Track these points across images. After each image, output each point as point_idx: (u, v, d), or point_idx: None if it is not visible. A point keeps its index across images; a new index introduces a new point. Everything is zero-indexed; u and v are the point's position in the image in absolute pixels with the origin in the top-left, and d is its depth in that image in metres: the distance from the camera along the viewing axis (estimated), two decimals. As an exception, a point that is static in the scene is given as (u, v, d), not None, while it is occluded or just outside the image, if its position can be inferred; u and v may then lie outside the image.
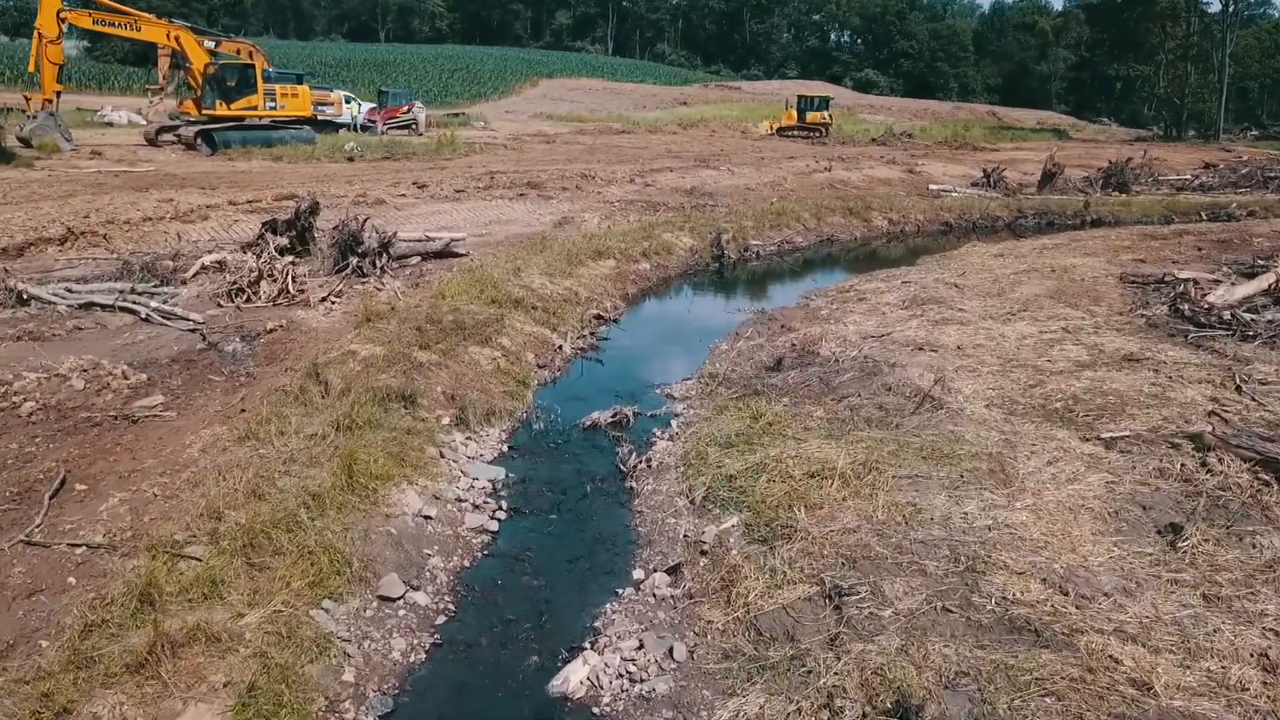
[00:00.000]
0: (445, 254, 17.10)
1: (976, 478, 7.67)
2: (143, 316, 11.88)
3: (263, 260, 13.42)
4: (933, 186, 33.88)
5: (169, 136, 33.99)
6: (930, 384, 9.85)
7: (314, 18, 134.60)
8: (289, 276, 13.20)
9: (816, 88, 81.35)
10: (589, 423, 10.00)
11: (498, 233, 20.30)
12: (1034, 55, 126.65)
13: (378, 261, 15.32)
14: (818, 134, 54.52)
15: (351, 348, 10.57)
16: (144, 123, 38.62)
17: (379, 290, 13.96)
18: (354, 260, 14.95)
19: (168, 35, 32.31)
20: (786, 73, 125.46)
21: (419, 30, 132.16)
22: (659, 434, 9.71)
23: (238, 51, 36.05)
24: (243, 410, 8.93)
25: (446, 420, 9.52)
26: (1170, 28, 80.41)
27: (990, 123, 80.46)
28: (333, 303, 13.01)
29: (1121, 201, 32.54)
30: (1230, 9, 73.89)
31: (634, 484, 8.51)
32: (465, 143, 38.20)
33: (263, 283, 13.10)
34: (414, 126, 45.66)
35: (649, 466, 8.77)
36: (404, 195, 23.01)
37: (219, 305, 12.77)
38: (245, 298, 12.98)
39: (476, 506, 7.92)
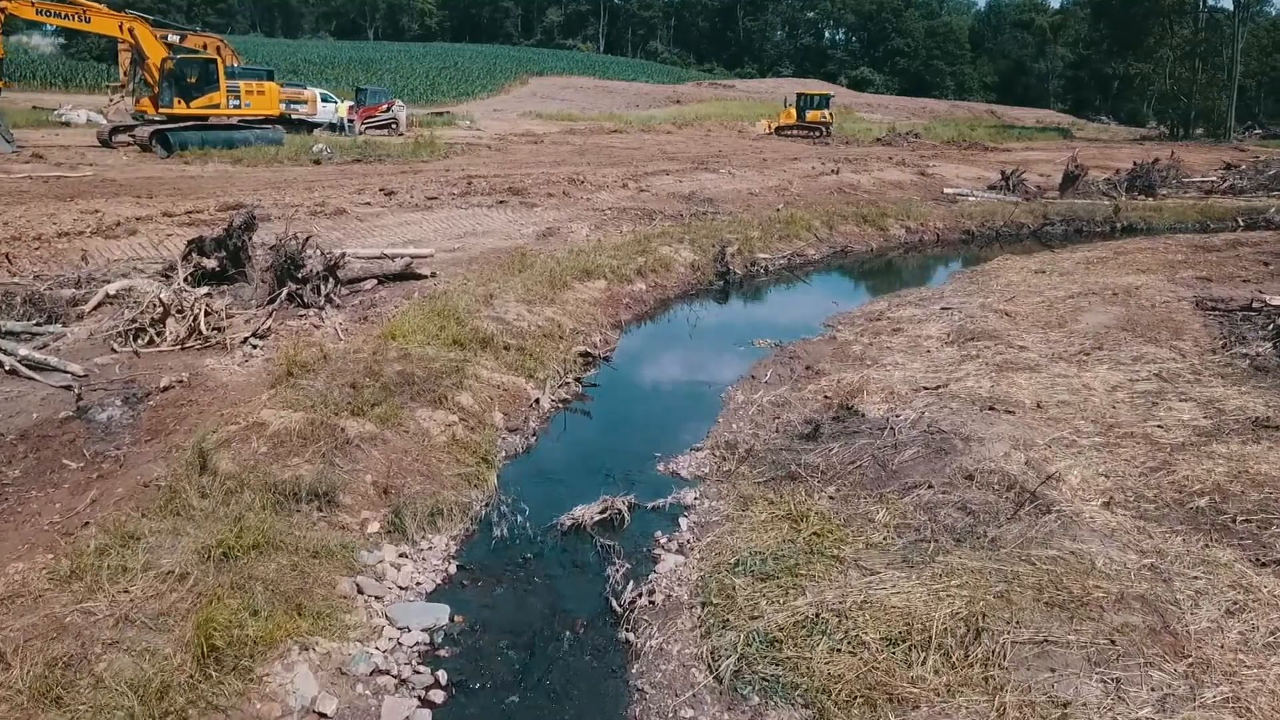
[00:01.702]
0: (407, 275, 14.60)
1: (1133, 643, 5.22)
2: (5, 369, 9.36)
3: (172, 291, 10.90)
4: (947, 190, 31.47)
5: (124, 137, 31.40)
6: (1025, 471, 7.41)
7: (301, 15, 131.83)
8: (203, 312, 10.68)
9: (813, 86, 78.86)
10: (569, 522, 7.50)
11: (472, 247, 17.81)
12: (1031, 53, 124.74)
13: (322, 288, 12.83)
14: (818, 133, 52.06)
15: (261, 416, 8.07)
16: (104, 122, 36.04)
17: (318, 326, 11.46)
18: (290, 288, 12.46)
19: (120, 27, 29.67)
20: (781, 71, 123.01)
21: (408, 28, 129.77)
22: (664, 542, 7.22)
23: (204, 46, 33.53)
24: (86, 524, 6.44)
25: (375, 527, 7.04)
26: (1176, 24, 78.26)
27: (990, 122, 78.08)
28: (254, 346, 10.50)
29: (1152, 207, 30.18)
30: (1242, 2, 71.55)
31: (631, 635, 6.01)
32: (446, 144, 35.65)
33: (169, 320, 10.59)
34: (393, 126, 43.08)
35: (652, 603, 6.28)
36: (368, 204, 20.48)
37: (114, 350, 10.25)
38: (147, 340, 10.47)
39: (402, 681, 5.42)
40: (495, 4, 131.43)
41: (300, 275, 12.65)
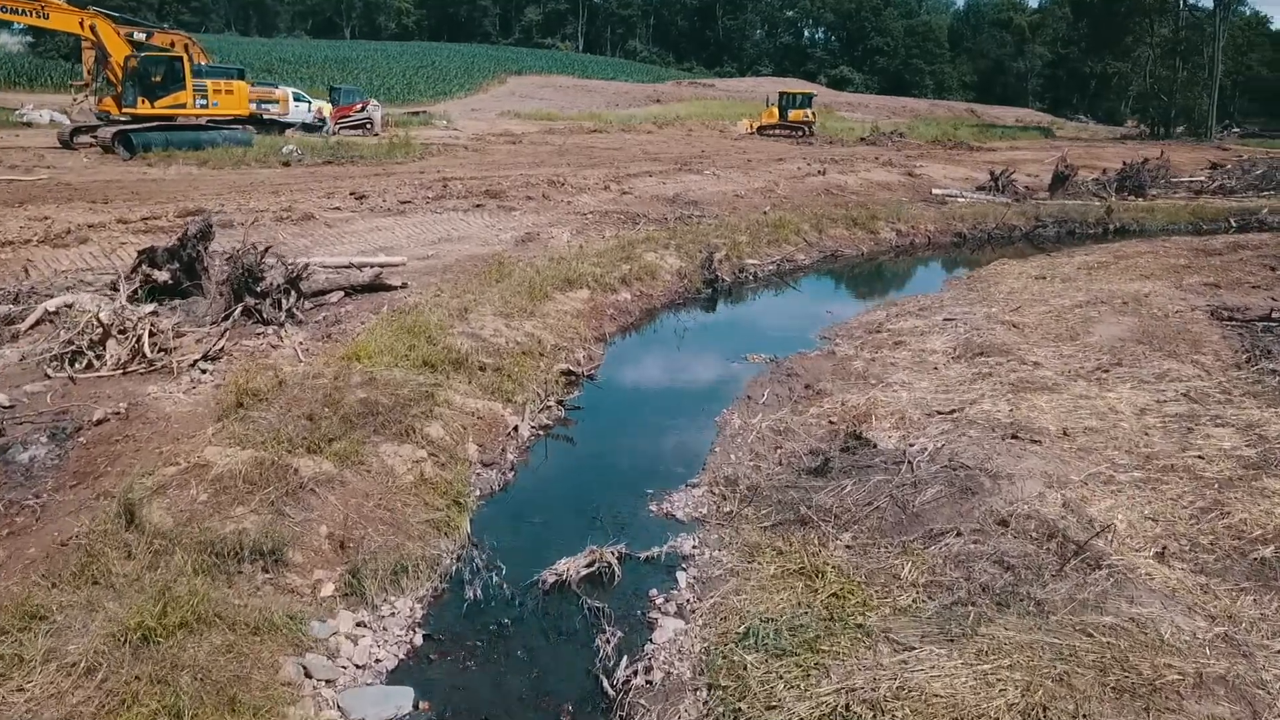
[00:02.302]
0: (376, 286, 13.66)
1: (1224, 741, 4.41)
2: (-80, 399, 8.39)
3: (113, 310, 9.94)
4: (936, 191, 30.77)
5: (86, 138, 30.26)
6: (1064, 515, 6.60)
7: (277, 14, 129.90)
8: (147, 333, 9.72)
9: (794, 85, 78.13)
10: (552, 578, 6.61)
11: (447, 254, 16.88)
12: (1010, 52, 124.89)
13: (283, 302, 11.88)
14: (801, 133, 51.28)
15: (204, 455, 7.15)
16: (67, 123, 34.80)
17: (276, 346, 10.51)
18: (248, 303, 11.50)
19: (81, 24, 28.49)
20: (760, 70, 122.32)
21: (385, 27, 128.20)
22: (661, 602, 6.35)
23: (171, 44, 32.40)
24: (-15, 596, 5.51)
25: (330, 589, 6.13)
26: (1157, 22, 78.17)
27: (972, 121, 77.61)
28: (203, 370, 9.55)
29: (1144, 207, 29.62)
30: (1223, 1, 71.41)
31: (626, 725, 5.15)
32: (422, 144, 34.62)
33: (110, 342, 9.62)
34: (368, 126, 42.01)
35: (650, 683, 5.41)
36: (338, 209, 19.50)
37: (48, 375, 9.28)
38: (85, 363, 9.50)
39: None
40: (473, 3, 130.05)
41: (259, 289, 11.69)
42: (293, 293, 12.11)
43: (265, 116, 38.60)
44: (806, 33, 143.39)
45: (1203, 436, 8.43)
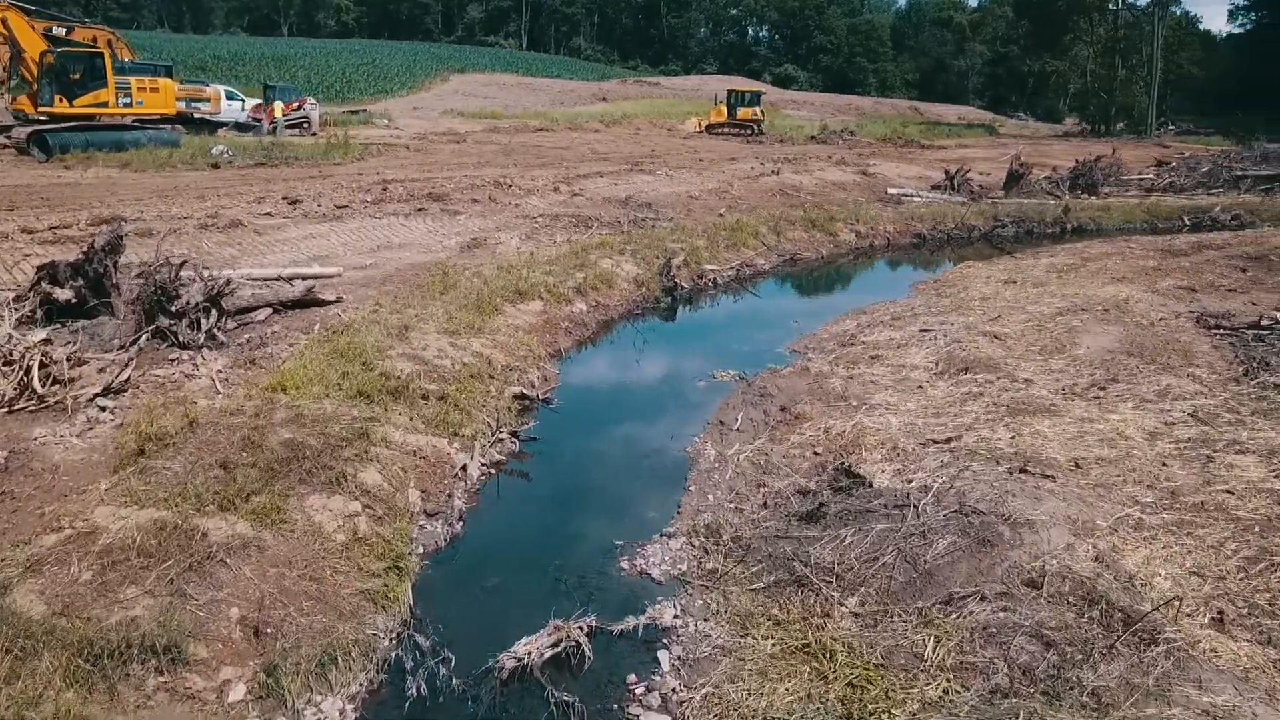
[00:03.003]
0: (308, 302, 12.47)
1: None
2: None
3: (-2, 338, 8.70)
4: (891, 190, 30.18)
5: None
6: (1099, 571, 5.75)
7: (211, 11, 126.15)
8: (37, 364, 8.49)
9: (740, 83, 77.62)
10: (511, 664, 5.57)
11: (386, 263, 15.72)
12: (951, 51, 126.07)
13: (202, 322, 10.67)
14: (750, 131, 50.60)
15: (94, 517, 6.03)
16: (-20, 123, 32.80)
17: (190, 376, 9.32)
18: (162, 324, 10.29)
19: (-11, 17, 26.75)
20: (705, 68, 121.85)
21: (324, 24, 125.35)
22: (641, 693, 5.35)
23: (93, 39, 30.61)
24: None
25: (240, 692, 5.04)
26: (1097, 20, 79.00)
27: (916, 119, 77.81)
28: (102, 407, 8.34)
29: (1099, 206, 29.35)
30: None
31: None
32: (361, 144, 33.20)
33: (-7, 376, 8.39)
34: (305, 126, 40.35)
35: (635, 811, 4.43)
36: (269, 214, 18.19)
37: (-82, 415, 8.02)
38: (-37, 401, 8.25)
39: None
40: (415, 0, 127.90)
41: (174, 308, 10.47)
42: (213, 311, 10.89)
43: (196, 116, 36.87)
44: (751, 31, 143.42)
45: (1225, 466, 7.67)
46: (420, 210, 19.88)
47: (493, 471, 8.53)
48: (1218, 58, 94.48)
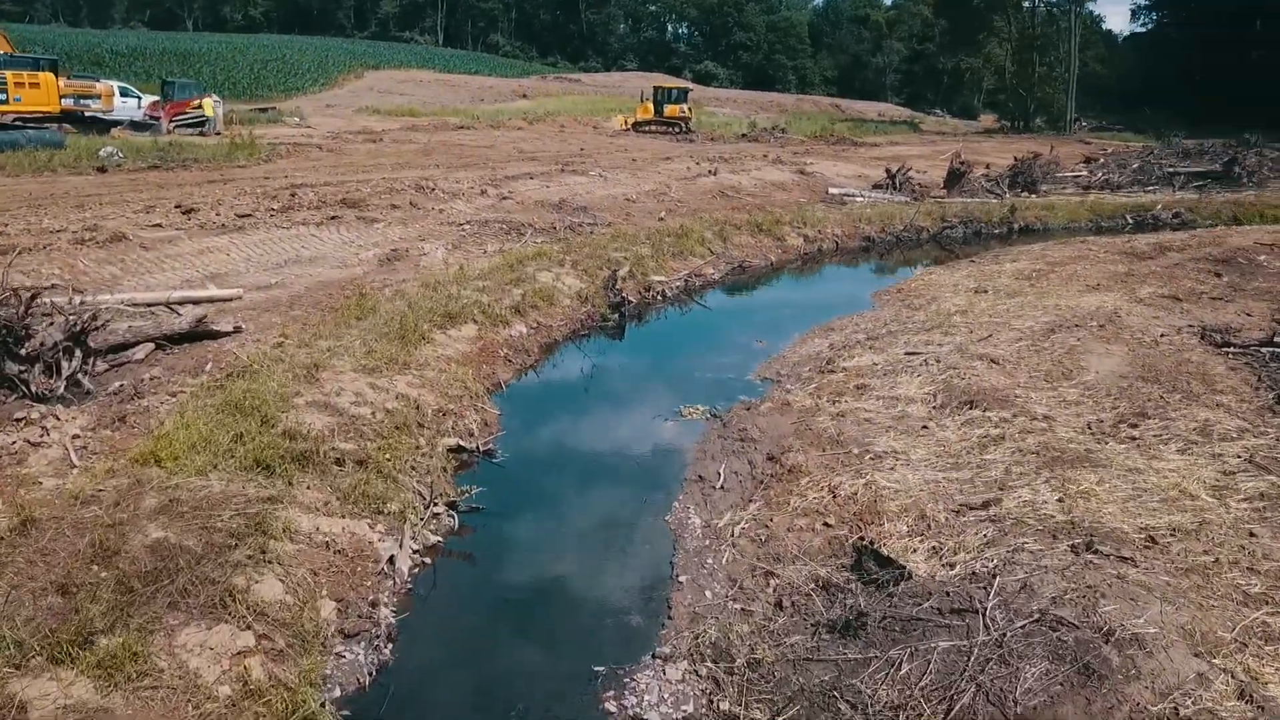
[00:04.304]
0: (199, 334, 10.54)
1: None
2: None
3: None
4: (832, 190, 29.02)
5: None
6: (1254, 715, 4.33)
7: (111, 4, 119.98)
8: None
9: (665, 80, 76.41)
10: None
11: (296, 281, 13.82)
12: (869, 48, 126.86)
13: (63, 367, 8.72)
14: (678, 129, 49.12)
15: None
16: None
17: (36, 444, 7.37)
18: (9, 370, 8.33)
19: None
20: (625, 65, 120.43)
21: (231, 19, 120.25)
22: None
23: (-31, 34, 27.79)
24: None
25: None
26: (1013, 17, 79.68)
27: (838, 115, 77.50)
28: (-89, 496, 6.41)
29: (1044, 205, 28.61)
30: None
31: None
32: (269, 144, 30.83)
33: None
34: (207, 125, 37.57)
35: None
36: (159, 225, 16.03)
37: None
38: None
39: None
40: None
41: (24, 350, 8.51)
42: (77, 352, 8.95)
43: (85, 114, 34.02)
44: (670, 28, 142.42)
45: (1319, 532, 6.38)
46: (333, 219, 17.90)
47: (427, 561, 6.79)
48: (1120, 57, 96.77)
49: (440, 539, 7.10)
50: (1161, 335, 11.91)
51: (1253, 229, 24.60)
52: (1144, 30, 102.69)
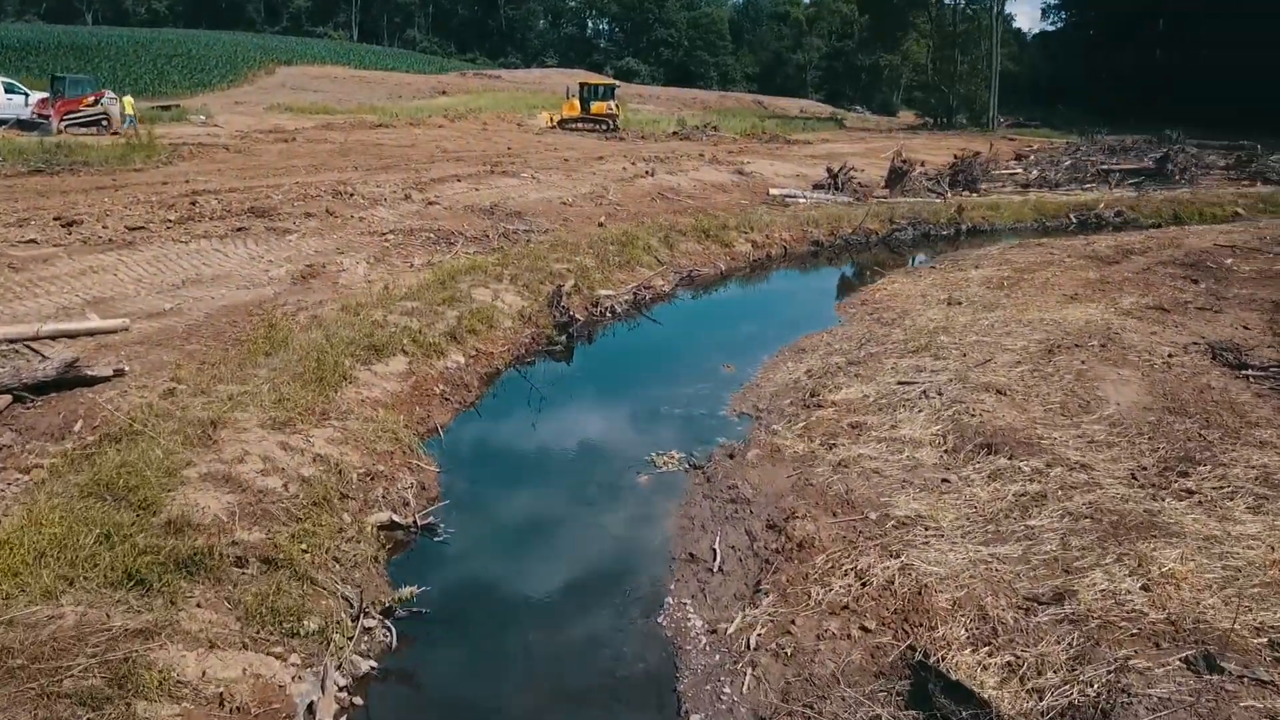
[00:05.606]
0: (71, 381, 8.73)
1: None
2: None
3: None
4: (774, 191, 27.87)
5: None
6: None
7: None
8: None
9: (590, 76, 74.81)
10: None
11: (194, 306, 12.00)
12: (789, 45, 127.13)
13: (-117, 434, 6.90)
14: (605, 126, 47.55)
15: None
16: None
17: None
18: None
19: None
20: (546, 61, 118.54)
21: (133, 13, 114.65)
22: None
23: None
24: None
25: None
26: (934, 14, 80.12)
27: (761, 112, 77.03)
28: None
29: (988, 205, 27.89)
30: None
31: None
32: (170, 145, 28.46)
33: None
34: (104, 124, 34.78)
35: None
36: (34, 241, 13.99)
37: None
38: None
39: None
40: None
41: None
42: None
43: (-31, 113, 31.23)
44: (591, 24, 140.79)
45: None
46: (240, 230, 16.00)
47: (358, 702, 5.21)
48: (1029, 55, 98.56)
49: (373, 664, 5.51)
50: (1170, 356, 10.89)
51: (1201, 229, 24.27)
52: (1053, 29, 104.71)
